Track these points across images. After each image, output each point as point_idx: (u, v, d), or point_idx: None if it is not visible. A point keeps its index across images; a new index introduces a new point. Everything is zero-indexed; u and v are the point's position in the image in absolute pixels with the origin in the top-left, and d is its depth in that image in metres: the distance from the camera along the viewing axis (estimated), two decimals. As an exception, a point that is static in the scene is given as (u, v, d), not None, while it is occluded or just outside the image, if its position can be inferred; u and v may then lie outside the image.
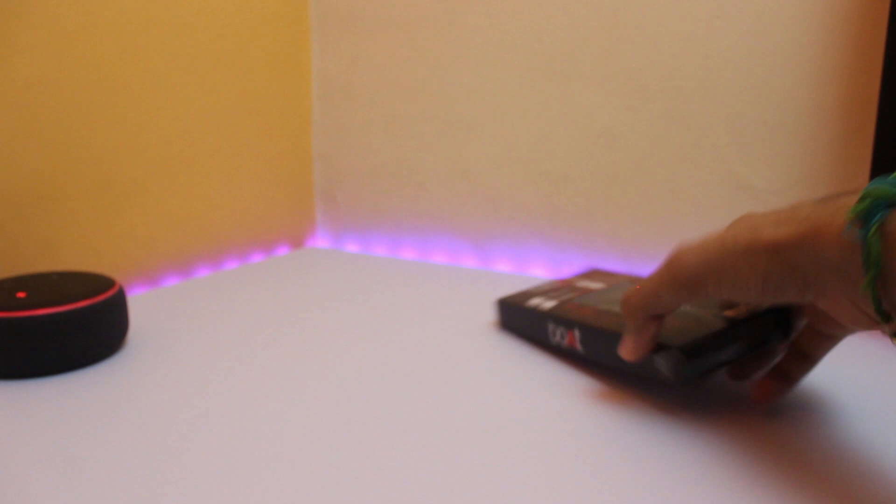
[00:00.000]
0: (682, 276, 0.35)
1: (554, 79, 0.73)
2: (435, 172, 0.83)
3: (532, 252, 0.78)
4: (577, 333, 0.46)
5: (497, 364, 0.48)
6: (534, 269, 0.78)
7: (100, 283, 0.50)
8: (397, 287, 0.70)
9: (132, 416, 0.40)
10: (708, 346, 0.39)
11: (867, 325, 0.34)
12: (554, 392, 0.43)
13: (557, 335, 0.48)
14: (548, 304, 0.51)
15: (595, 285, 0.54)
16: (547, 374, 0.46)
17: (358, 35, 0.85)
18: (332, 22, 0.87)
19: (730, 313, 0.41)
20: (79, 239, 0.64)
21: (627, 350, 0.39)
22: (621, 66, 0.70)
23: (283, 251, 0.87)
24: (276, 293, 0.67)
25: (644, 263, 0.72)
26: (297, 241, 0.89)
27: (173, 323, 0.57)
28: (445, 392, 0.43)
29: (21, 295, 0.47)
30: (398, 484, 0.33)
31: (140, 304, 0.61)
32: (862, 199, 0.27)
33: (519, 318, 0.53)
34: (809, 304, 0.38)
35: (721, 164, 0.67)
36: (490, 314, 0.60)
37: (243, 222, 0.81)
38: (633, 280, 0.54)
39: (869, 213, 0.26)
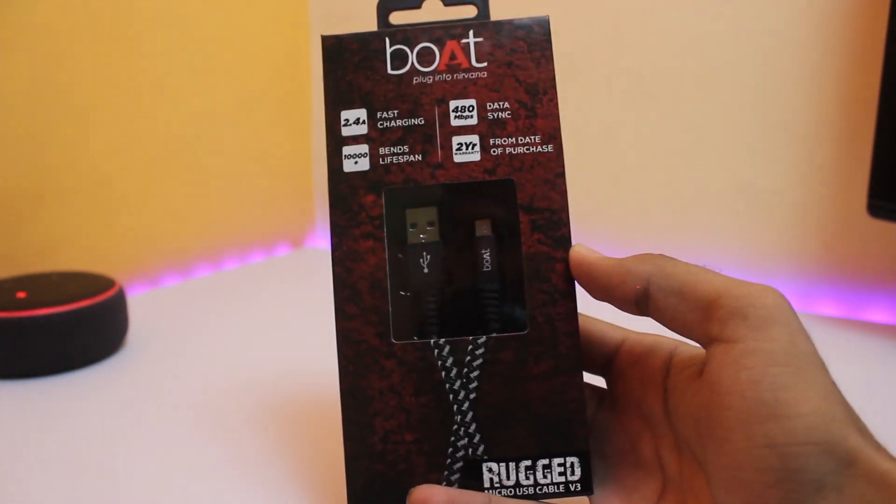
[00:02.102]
0: None
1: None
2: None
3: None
4: None
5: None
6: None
7: (100, 283, 0.50)
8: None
9: (132, 416, 0.40)
10: None
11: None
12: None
13: None
14: None
15: None
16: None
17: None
18: (332, 22, 0.87)
19: None
20: (79, 239, 0.64)
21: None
22: (621, 66, 0.70)
23: (282, 251, 0.87)
24: (275, 293, 0.67)
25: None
26: (296, 241, 0.89)
27: (173, 323, 0.57)
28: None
29: (21, 295, 0.47)
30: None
31: (140, 304, 0.61)
32: None
33: None
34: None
35: (721, 164, 0.67)
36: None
37: (243, 222, 0.81)
38: None
39: None
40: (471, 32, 0.30)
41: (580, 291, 0.28)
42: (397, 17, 0.32)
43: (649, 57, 0.69)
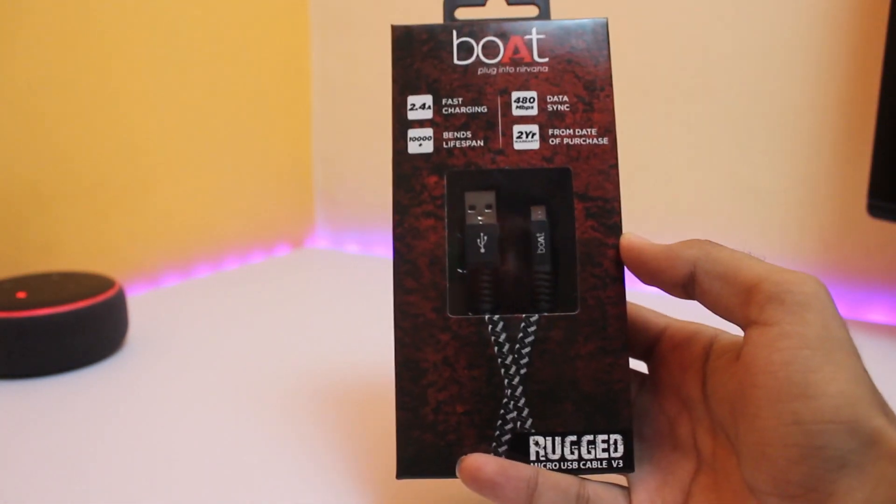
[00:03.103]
0: None
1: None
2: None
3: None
4: None
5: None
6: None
7: (100, 283, 0.50)
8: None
9: (132, 416, 0.40)
10: None
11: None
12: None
13: None
14: None
15: None
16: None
17: (358, 35, 0.85)
18: (332, 22, 0.87)
19: None
20: (79, 239, 0.64)
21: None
22: (621, 66, 0.70)
23: (282, 251, 0.87)
24: (275, 293, 0.67)
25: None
26: (296, 241, 0.89)
27: (173, 323, 0.57)
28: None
29: (21, 295, 0.47)
30: (397, 481, 0.33)
31: (140, 304, 0.61)
32: None
33: None
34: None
35: (721, 164, 0.67)
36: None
37: (243, 222, 0.81)
38: None
39: None
40: (534, 29, 0.32)
41: (628, 279, 0.29)
42: (462, 13, 0.33)
43: (649, 57, 0.69)
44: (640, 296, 0.32)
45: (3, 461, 0.35)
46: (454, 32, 0.31)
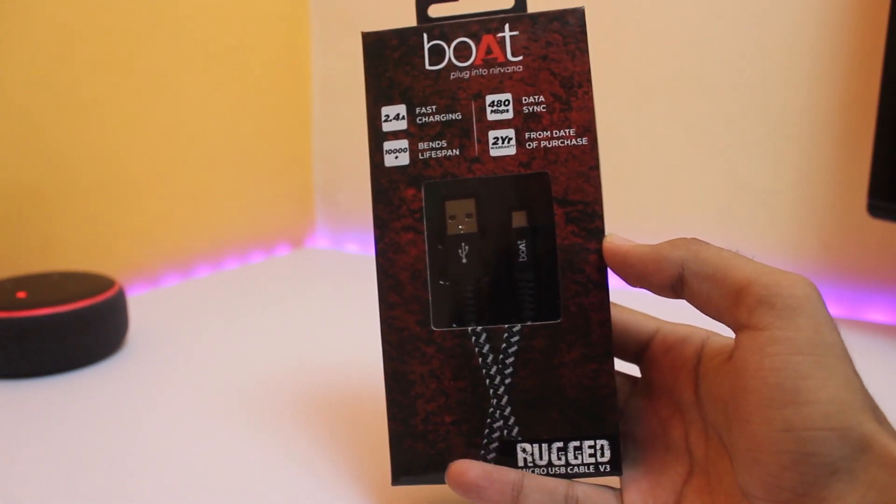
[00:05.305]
0: None
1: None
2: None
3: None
4: None
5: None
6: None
7: (100, 283, 0.50)
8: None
9: (132, 416, 0.40)
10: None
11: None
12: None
13: None
14: None
15: None
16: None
17: (358, 35, 0.85)
18: (332, 22, 0.87)
19: None
20: (79, 239, 0.64)
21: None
22: (621, 66, 0.70)
23: (282, 251, 0.87)
24: (275, 293, 0.67)
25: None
26: (296, 241, 0.89)
27: (173, 323, 0.57)
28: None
29: (21, 295, 0.47)
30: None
31: (140, 304, 0.61)
32: None
33: None
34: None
35: (721, 164, 0.67)
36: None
37: (243, 222, 0.81)
38: None
39: None
40: (506, 26, 0.30)
41: (616, 280, 0.29)
42: (435, 10, 0.32)
43: (649, 57, 0.69)
44: (629, 295, 0.32)
45: (3, 461, 0.35)
46: (425, 36, 0.30)
